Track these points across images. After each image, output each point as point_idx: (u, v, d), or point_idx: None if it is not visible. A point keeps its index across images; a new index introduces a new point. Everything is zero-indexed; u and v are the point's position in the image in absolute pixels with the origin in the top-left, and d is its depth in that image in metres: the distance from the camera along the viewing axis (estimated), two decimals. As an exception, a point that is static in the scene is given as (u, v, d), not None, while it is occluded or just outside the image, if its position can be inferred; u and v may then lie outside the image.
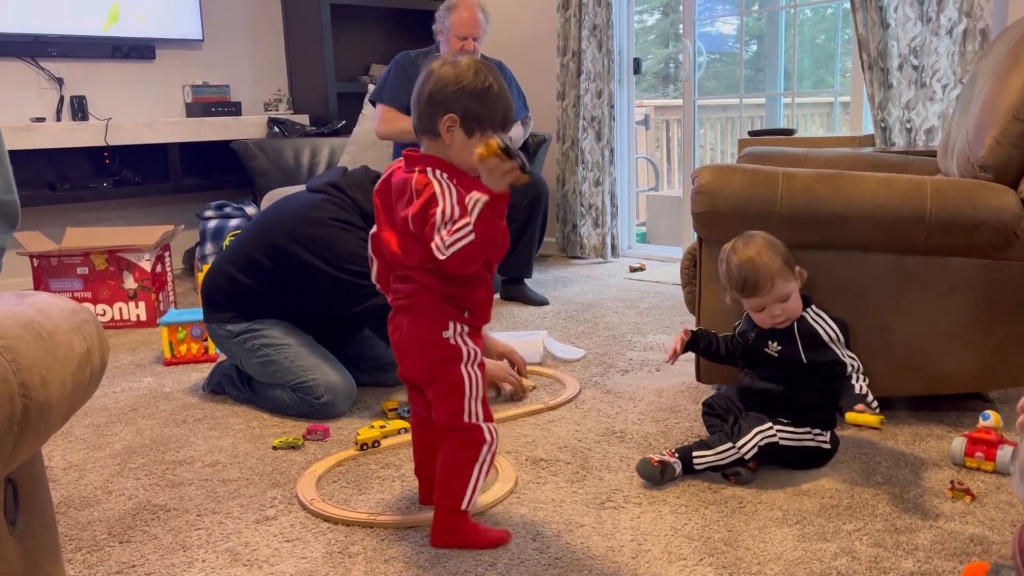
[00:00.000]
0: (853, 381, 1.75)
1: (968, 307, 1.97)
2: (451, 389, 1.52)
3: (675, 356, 1.92)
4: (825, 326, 1.80)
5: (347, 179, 2.32)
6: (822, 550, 1.50)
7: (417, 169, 1.49)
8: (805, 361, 1.80)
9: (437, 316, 1.51)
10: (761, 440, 1.75)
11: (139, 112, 4.46)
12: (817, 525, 1.59)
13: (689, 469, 1.79)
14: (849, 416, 1.67)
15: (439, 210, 1.42)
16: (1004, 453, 1.77)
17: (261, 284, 2.30)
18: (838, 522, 1.60)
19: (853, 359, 1.78)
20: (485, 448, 1.53)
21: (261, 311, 2.32)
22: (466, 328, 1.53)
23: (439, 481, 1.55)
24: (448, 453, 1.55)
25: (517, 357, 2.43)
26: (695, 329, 1.98)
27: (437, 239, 1.42)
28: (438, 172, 1.48)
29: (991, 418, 1.82)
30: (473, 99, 1.48)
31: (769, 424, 1.77)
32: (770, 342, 1.83)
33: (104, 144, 4.17)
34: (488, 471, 1.55)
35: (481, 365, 1.54)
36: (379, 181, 1.58)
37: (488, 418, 1.54)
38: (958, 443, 1.82)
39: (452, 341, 1.51)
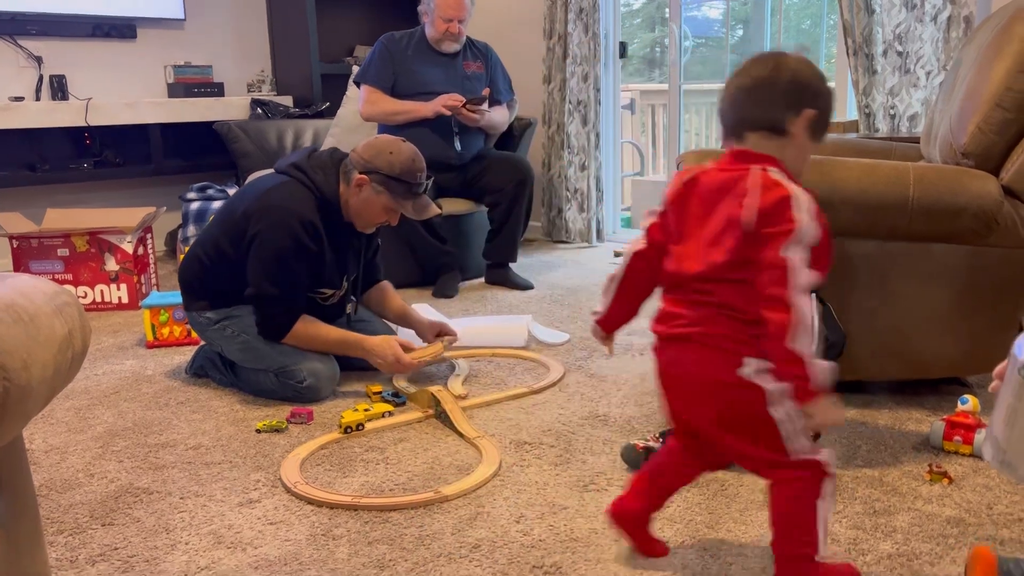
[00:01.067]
0: None
1: (949, 293, 1.99)
2: (758, 437, 1.26)
3: None
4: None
5: (311, 161, 2.29)
6: (802, 532, 1.52)
7: (759, 166, 1.25)
8: None
9: (734, 349, 1.24)
10: None
11: (120, 92, 4.41)
12: (797, 508, 1.60)
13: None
14: None
15: (801, 221, 1.19)
16: (981, 437, 1.79)
17: (228, 272, 2.28)
18: (818, 505, 1.61)
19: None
20: (828, 482, 1.27)
21: (235, 299, 2.30)
22: (765, 363, 1.23)
23: (780, 530, 1.30)
24: (784, 498, 1.29)
25: (448, 330, 2.45)
26: None
27: (792, 256, 1.19)
28: (785, 177, 1.25)
29: (969, 402, 1.84)
30: (828, 103, 1.31)
31: None
32: None
33: (84, 124, 4.12)
34: (833, 503, 1.34)
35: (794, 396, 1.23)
36: (677, 185, 1.33)
37: (815, 447, 1.27)
38: (937, 427, 1.84)
39: (752, 380, 1.23)
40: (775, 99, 1.29)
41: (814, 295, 1.85)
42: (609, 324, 1.50)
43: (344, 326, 2.36)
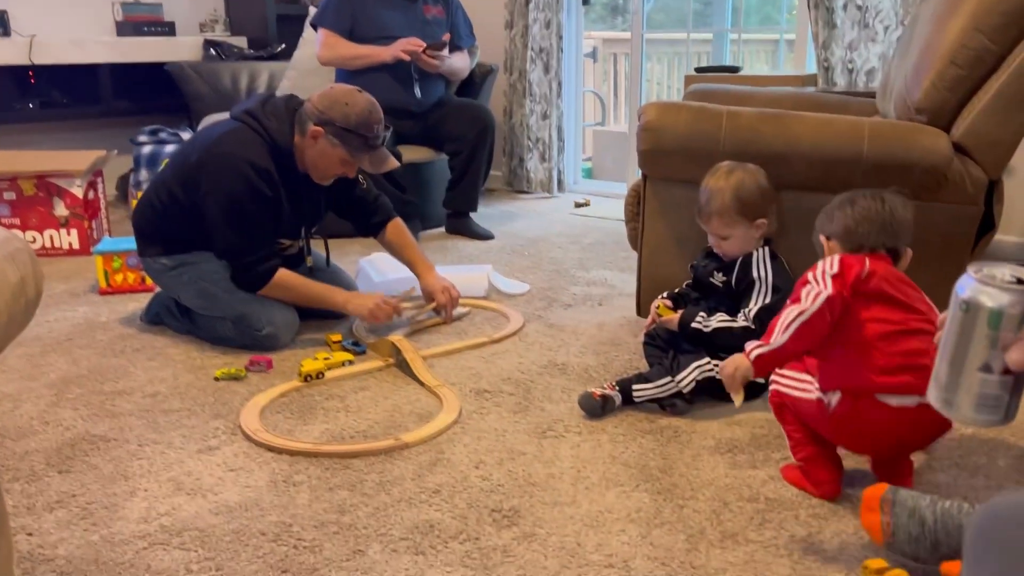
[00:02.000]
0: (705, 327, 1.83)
1: (898, 246, 2.04)
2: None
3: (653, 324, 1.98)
4: (761, 272, 1.85)
5: (266, 107, 2.24)
6: (752, 477, 1.57)
7: None
8: (737, 294, 1.86)
9: None
10: (699, 375, 1.81)
11: (66, 29, 4.24)
12: (748, 453, 1.66)
13: (629, 401, 1.84)
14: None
15: None
16: (924, 386, 1.86)
17: (182, 218, 2.25)
18: (767, 451, 1.67)
19: (749, 323, 1.82)
20: None
21: (190, 245, 2.27)
22: None
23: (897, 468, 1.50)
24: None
25: (454, 293, 2.43)
26: (673, 295, 2.00)
27: None
28: None
29: (914, 353, 1.90)
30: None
31: (707, 359, 1.83)
32: (716, 272, 1.89)
33: (28, 63, 3.97)
34: None
35: None
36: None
37: None
38: (882, 376, 1.91)
39: None
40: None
41: (767, 248, 1.90)
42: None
43: (306, 276, 2.35)
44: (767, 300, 1.84)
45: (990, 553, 0.61)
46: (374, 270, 2.73)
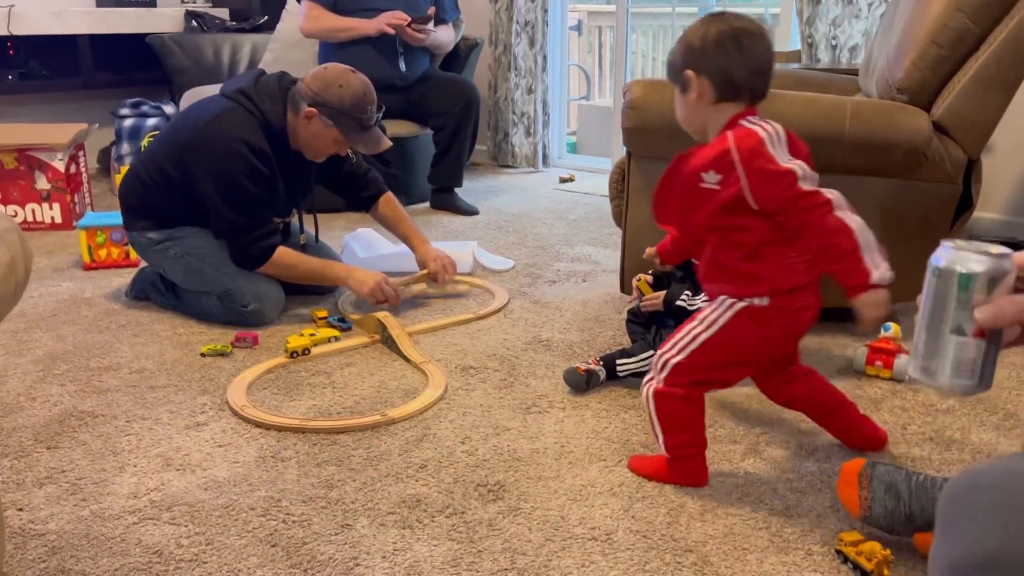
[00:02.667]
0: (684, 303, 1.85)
1: (877, 225, 2.04)
2: None
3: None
4: None
5: (259, 87, 2.23)
6: (731, 451, 1.61)
7: None
8: None
9: None
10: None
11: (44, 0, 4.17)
12: (728, 428, 1.70)
13: (612, 375, 1.87)
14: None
15: None
16: (901, 362, 1.90)
17: (172, 194, 2.25)
18: (747, 426, 1.71)
19: None
20: None
21: (179, 219, 2.28)
22: None
23: (836, 399, 1.56)
24: (813, 374, 1.57)
25: (447, 262, 2.46)
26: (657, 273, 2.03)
27: None
28: None
29: (891, 329, 1.94)
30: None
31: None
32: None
33: (7, 33, 3.91)
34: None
35: None
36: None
37: None
38: (860, 352, 1.95)
39: None
40: None
41: None
42: None
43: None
44: None
45: (961, 519, 0.63)
46: (359, 245, 2.74)
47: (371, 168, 2.52)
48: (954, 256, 0.75)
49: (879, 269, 1.29)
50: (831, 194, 1.33)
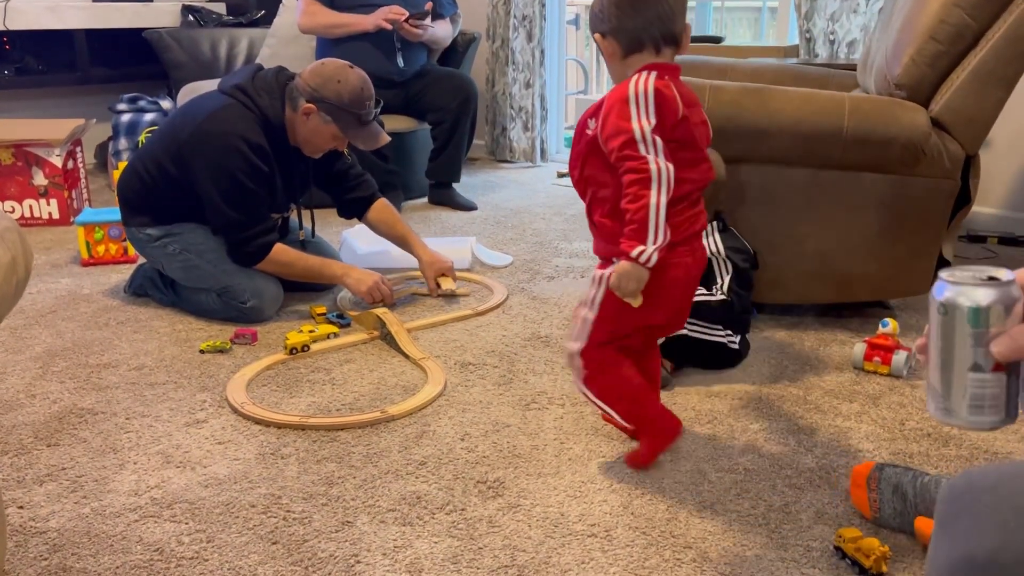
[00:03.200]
0: None
1: (876, 220, 2.08)
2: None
3: None
4: (712, 247, 1.89)
5: (256, 82, 2.23)
6: (730, 448, 1.61)
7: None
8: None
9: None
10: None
11: (40, -6, 4.16)
12: (727, 425, 1.70)
13: None
14: None
15: None
16: (899, 358, 1.90)
17: (170, 190, 2.25)
18: (746, 422, 1.71)
19: (725, 295, 1.87)
20: None
21: (177, 215, 2.28)
22: None
23: (656, 383, 1.61)
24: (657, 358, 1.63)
25: (444, 266, 2.45)
26: None
27: None
28: None
29: (890, 325, 1.95)
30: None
31: None
32: None
33: (3, 28, 3.90)
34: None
35: None
36: (665, 85, 1.37)
37: None
38: (858, 348, 1.95)
39: None
40: None
41: (715, 223, 1.93)
42: None
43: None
44: (731, 273, 1.87)
45: (960, 519, 0.64)
46: (357, 242, 2.74)
47: (366, 172, 2.52)
48: (955, 290, 0.71)
49: (645, 250, 1.34)
50: (658, 167, 1.33)
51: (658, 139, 1.34)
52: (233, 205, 2.17)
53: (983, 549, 0.60)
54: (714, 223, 1.91)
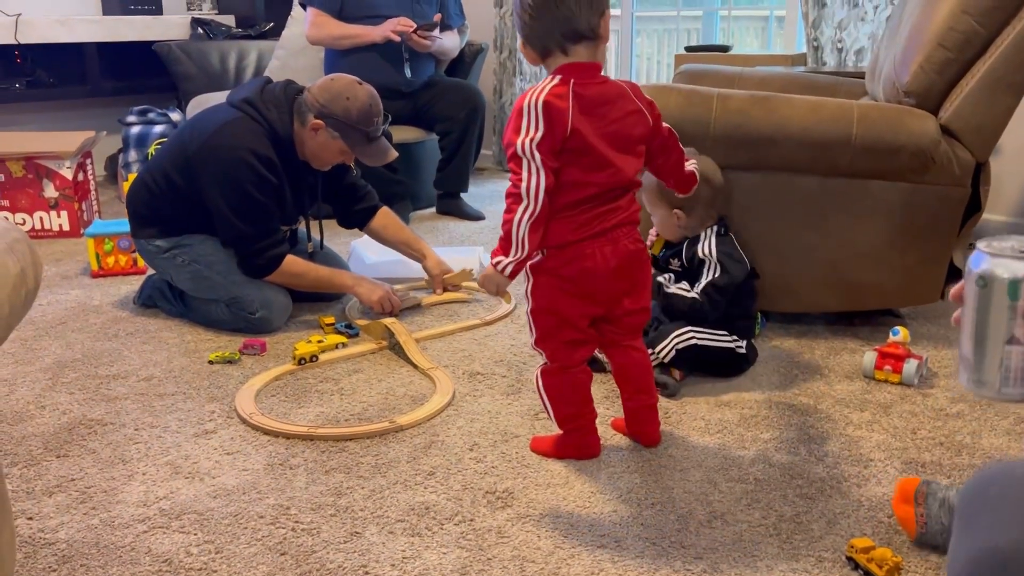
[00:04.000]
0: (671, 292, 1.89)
1: (885, 228, 2.07)
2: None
3: None
4: (706, 249, 1.88)
5: (264, 96, 2.24)
6: (740, 457, 1.60)
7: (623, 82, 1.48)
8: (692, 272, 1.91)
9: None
10: (679, 343, 1.85)
11: (51, 8, 4.20)
12: (736, 435, 1.69)
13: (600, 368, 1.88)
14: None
15: None
16: (910, 366, 1.89)
17: (179, 202, 2.26)
18: (756, 431, 1.70)
19: (697, 296, 1.87)
20: None
21: (186, 227, 2.29)
22: None
23: (646, 384, 1.62)
24: (644, 354, 1.63)
25: (446, 267, 2.51)
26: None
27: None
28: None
29: (900, 333, 1.94)
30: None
31: (686, 328, 1.86)
32: (672, 259, 1.94)
33: (14, 42, 3.93)
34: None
35: None
36: (576, 87, 1.40)
37: None
38: (869, 357, 1.94)
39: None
40: None
41: (716, 227, 1.92)
42: None
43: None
44: (714, 275, 1.86)
45: (980, 514, 0.63)
46: (366, 252, 2.74)
47: (369, 184, 2.53)
48: (995, 261, 0.71)
49: (503, 261, 1.43)
50: (527, 186, 1.38)
51: (538, 154, 1.38)
52: (243, 218, 2.18)
53: (1007, 540, 0.60)
54: (714, 227, 1.91)
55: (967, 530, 0.64)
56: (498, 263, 1.43)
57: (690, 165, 1.60)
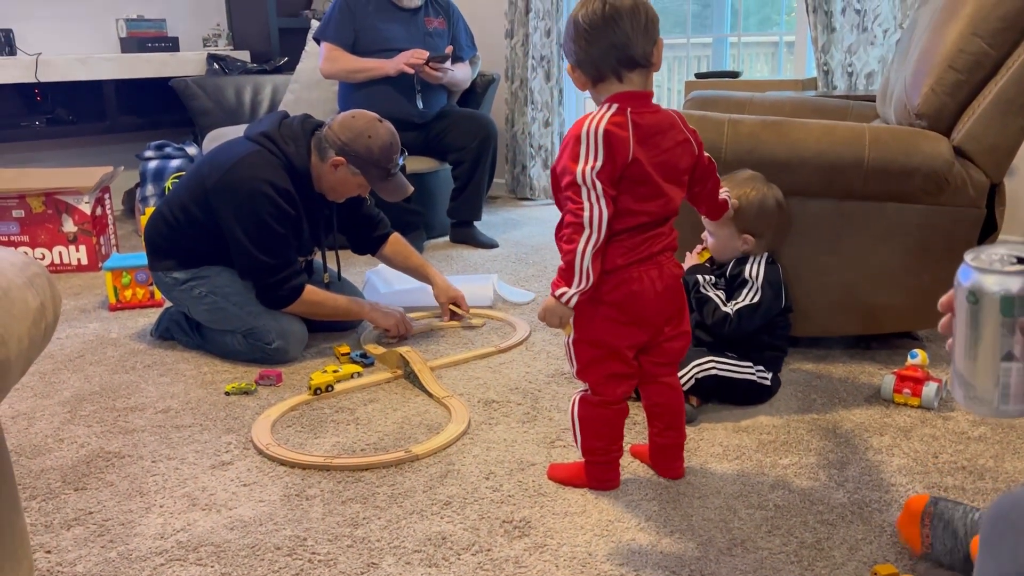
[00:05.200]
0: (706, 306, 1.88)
1: (901, 250, 2.06)
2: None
3: None
4: (754, 271, 1.88)
5: (282, 130, 2.27)
6: (759, 483, 1.59)
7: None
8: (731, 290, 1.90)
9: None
10: (698, 372, 1.83)
11: (71, 47, 4.28)
12: (755, 460, 1.67)
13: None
14: None
15: None
16: (929, 389, 1.87)
17: (197, 234, 2.28)
18: (775, 457, 1.69)
19: (731, 313, 1.86)
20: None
21: (203, 259, 2.31)
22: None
23: (678, 422, 1.60)
24: (679, 392, 1.61)
25: (456, 294, 2.53)
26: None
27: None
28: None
29: (919, 356, 1.92)
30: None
31: (708, 357, 1.84)
32: (716, 280, 1.92)
33: (35, 81, 4.01)
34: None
35: None
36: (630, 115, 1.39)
37: None
38: (888, 380, 1.92)
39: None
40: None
41: (769, 256, 1.92)
42: None
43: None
44: (753, 298, 1.86)
45: (1007, 537, 0.62)
46: (381, 281, 2.76)
47: (381, 211, 2.57)
48: (984, 276, 0.69)
49: (567, 292, 1.40)
50: (590, 215, 1.37)
51: (599, 183, 1.37)
52: (262, 249, 2.19)
53: None
54: (765, 255, 1.91)
55: (991, 555, 0.63)
56: (562, 294, 1.40)
57: (723, 193, 1.62)
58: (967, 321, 0.72)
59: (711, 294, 1.89)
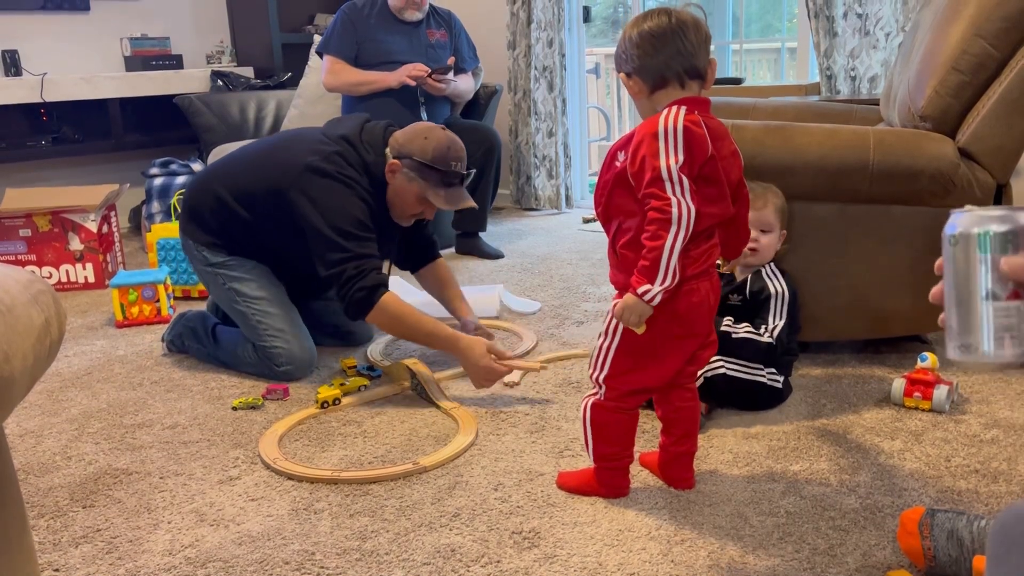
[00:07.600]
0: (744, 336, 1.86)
1: (908, 253, 2.05)
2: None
3: None
4: (776, 285, 1.87)
5: (364, 136, 2.20)
6: (770, 490, 1.57)
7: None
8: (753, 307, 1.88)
9: None
10: (707, 371, 1.82)
11: (76, 66, 4.31)
12: (765, 467, 1.66)
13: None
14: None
15: None
16: (940, 392, 1.86)
17: (252, 219, 2.22)
18: (785, 463, 1.67)
19: (772, 340, 1.85)
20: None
21: (245, 246, 2.27)
22: None
23: (692, 431, 1.58)
24: (696, 399, 1.59)
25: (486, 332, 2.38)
26: None
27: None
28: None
29: (928, 359, 1.90)
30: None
31: (717, 357, 1.83)
32: (731, 295, 1.91)
33: (40, 100, 4.03)
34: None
35: None
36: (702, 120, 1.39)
37: None
38: (897, 384, 1.91)
39: None
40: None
41: (773, 263, 1.92)
42: None
43: (319, 298, 2.37)
44: (783, 316, 1.85)
45: (1012, 552, 0.61)
46: (401, 294, 2.74)
47: (435, 236, 2.50)
48: (964, 219, 0.70)
49: (651, 290, 1.36)
50: (679, 210, 1.34)
51: (684, 177, 1.35)
52: (347, 237, 2.06)
53: None
54: (772, 264, 1.91)
55: (998, 569, 0.62)
56: (645, 291, 1.36)
57: None
58: (952, 269, 0.73)
59: (743, 334, 1.86)
